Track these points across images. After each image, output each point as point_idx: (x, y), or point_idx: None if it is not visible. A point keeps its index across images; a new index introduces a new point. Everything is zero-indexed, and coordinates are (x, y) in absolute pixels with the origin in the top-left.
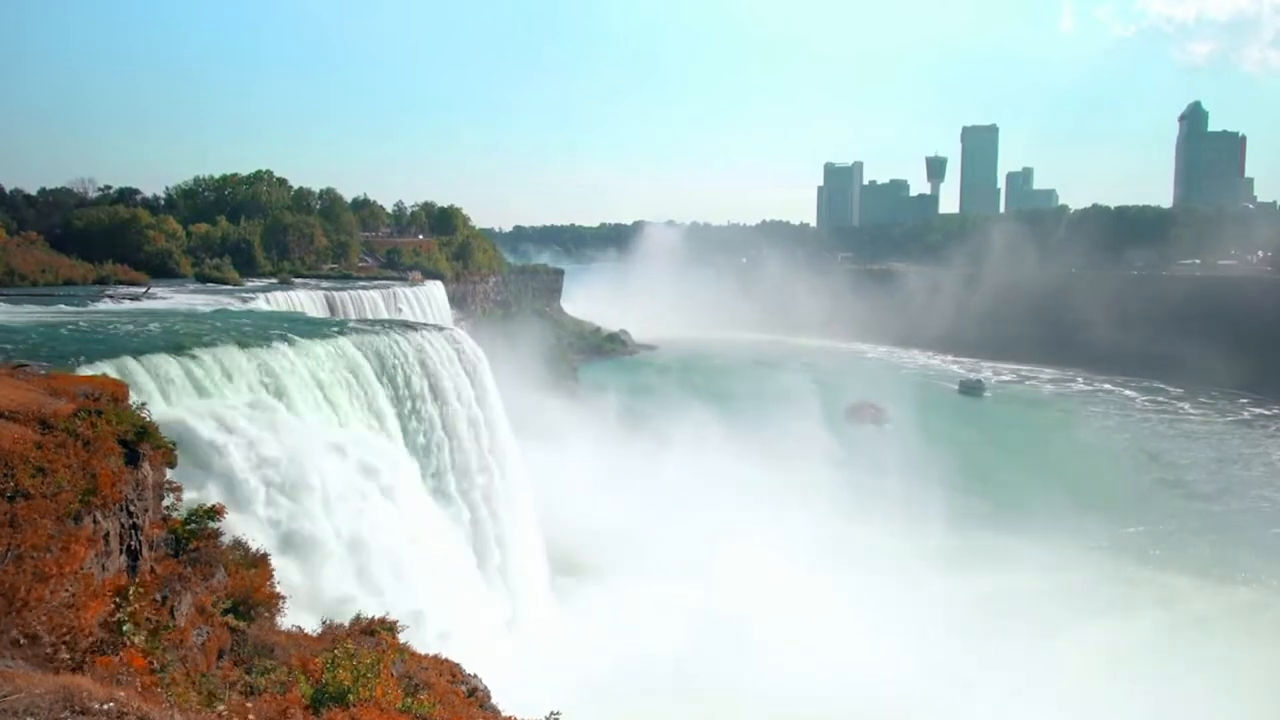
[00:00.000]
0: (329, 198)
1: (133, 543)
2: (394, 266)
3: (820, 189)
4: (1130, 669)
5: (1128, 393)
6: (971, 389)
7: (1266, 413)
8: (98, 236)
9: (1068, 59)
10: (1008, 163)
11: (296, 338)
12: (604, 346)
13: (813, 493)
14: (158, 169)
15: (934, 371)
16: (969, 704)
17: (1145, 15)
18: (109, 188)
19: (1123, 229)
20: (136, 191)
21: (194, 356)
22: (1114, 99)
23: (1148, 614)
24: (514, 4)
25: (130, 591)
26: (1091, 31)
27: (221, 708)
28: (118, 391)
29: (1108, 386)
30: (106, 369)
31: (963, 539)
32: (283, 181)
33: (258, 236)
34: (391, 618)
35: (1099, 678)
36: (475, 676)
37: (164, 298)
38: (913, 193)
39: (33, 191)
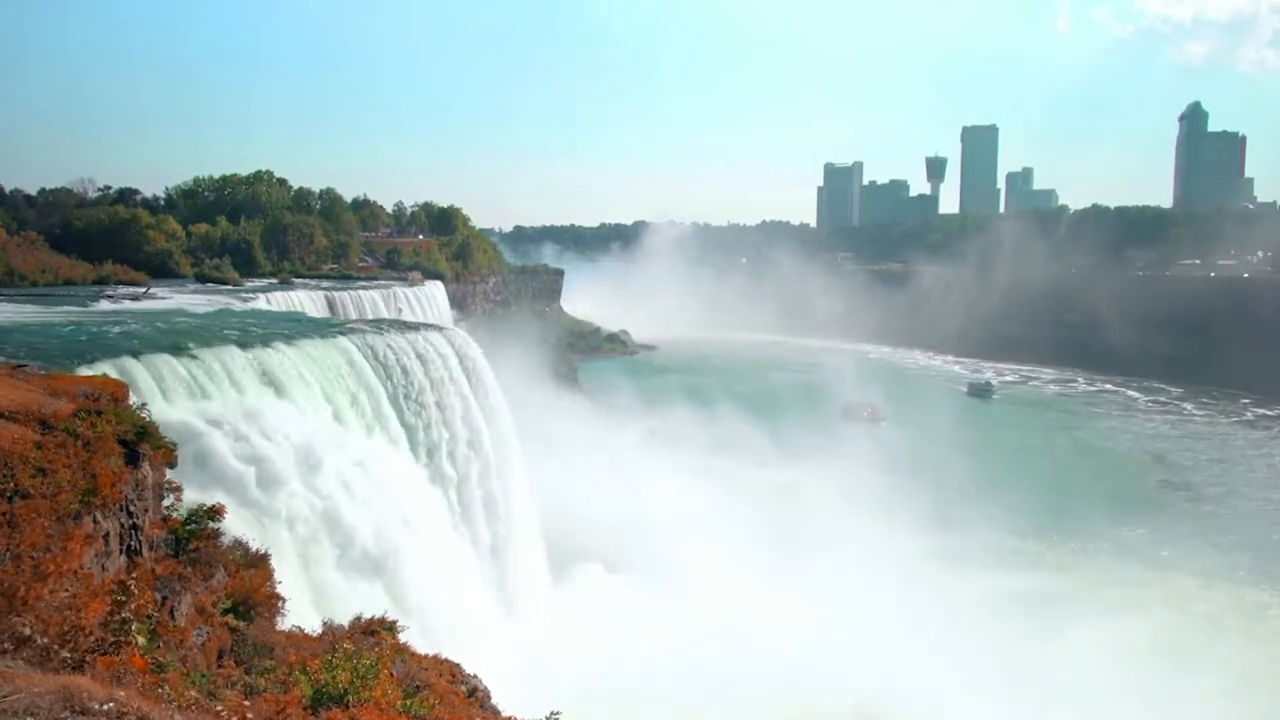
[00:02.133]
0: (329, 198)
1: (133, 543)
2: (394, 267)
3: (820, 189)
4: (1136, 670)
5: (1130, 393)
6: (980, 391)
7: (1269, 413)
8: (98, 236)
9: (1067, 59)
10: (1008, 163)
11: (296, 338)
12: (604, 347)
13: (809, 490)
14: (158, 169)
15: (936, 372)
16: (970, 704)
17: (1142, 16)
18: (109, 188)
19: (1123, 229)
20: (136, 191)
21: (194, 356)
22: (1113, 99)
23: (1156, 614)
24: (514, 4)
25: (131, 585)
26: (1090, 32)
27: (221, 708)
28: (118, 391)
29: (1109, 387)
30: (106, 369)
31: (967, 539)
32: (283, 181)
33: (258, 237)
34: (391, 617)
35: (1103, 680)
36: (475, 676)
37: (164, 298)
38: (913, 193)
39: (33, 191)
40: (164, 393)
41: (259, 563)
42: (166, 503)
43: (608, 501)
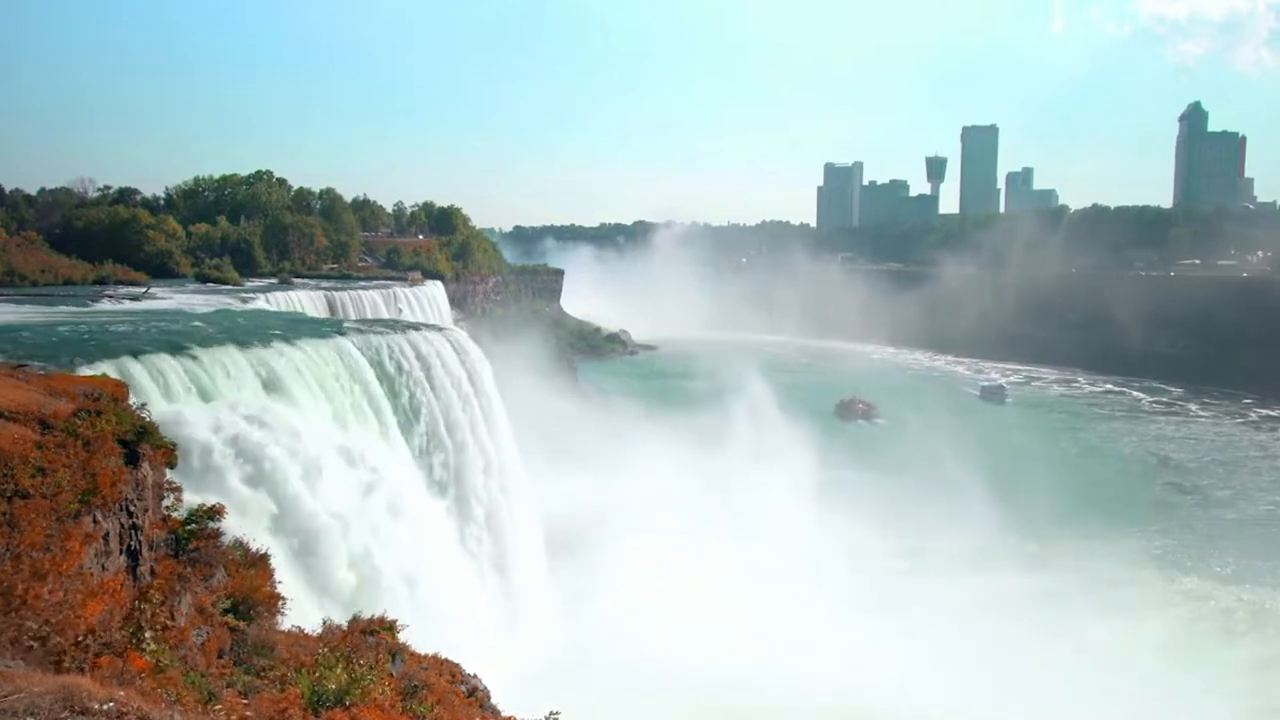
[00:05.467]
0: (329, 198)
1: (133, 543)
2: (394, 266)
3: (820, 189)
4: (1142, 671)
5: (1134, 394)
6: (993, 395)
7: (1272, 414)
8: (98, 236)
9: (1066, 59)
10: (1008, 163)
11: (296, 338)
12: (604, 347)
13: (808, 490)
14: (158, 169)
15: (940, 374)
16: (972, 704)
17: (1137, 16)
18: (109, 188)
19: (1123, 229)
20: (136, 191)
21: (194, 356)
22: (1113, 99)
23: (1167, 616)
24: (515, 4)
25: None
26: (1086, 31)
27: (220, 707)
28: (118, 391)
29: (1111, 387)
30: (106, 369)
31: (975, 540)
32: (283, 182)
33: (258, 236)
34: (391, 617)
35: (1111, 678)
36: (475, 676)
37: (164, 298)
38: (913, 193)
39: (33, 191)
40: (164, 393)
41: (259, 563)
42: (166, 503)
43: (607, 501)
